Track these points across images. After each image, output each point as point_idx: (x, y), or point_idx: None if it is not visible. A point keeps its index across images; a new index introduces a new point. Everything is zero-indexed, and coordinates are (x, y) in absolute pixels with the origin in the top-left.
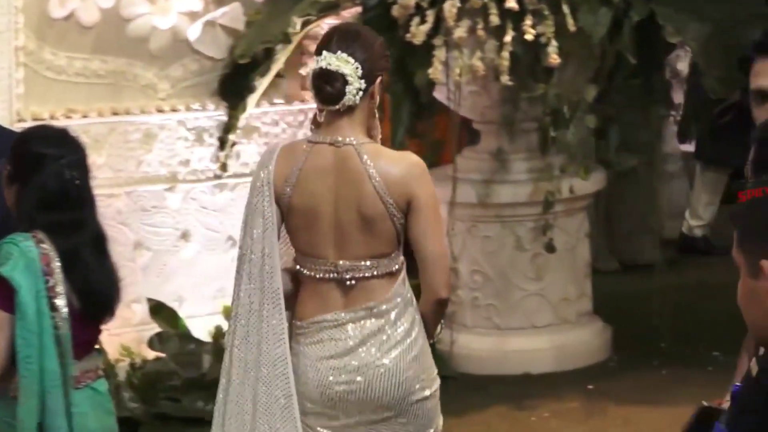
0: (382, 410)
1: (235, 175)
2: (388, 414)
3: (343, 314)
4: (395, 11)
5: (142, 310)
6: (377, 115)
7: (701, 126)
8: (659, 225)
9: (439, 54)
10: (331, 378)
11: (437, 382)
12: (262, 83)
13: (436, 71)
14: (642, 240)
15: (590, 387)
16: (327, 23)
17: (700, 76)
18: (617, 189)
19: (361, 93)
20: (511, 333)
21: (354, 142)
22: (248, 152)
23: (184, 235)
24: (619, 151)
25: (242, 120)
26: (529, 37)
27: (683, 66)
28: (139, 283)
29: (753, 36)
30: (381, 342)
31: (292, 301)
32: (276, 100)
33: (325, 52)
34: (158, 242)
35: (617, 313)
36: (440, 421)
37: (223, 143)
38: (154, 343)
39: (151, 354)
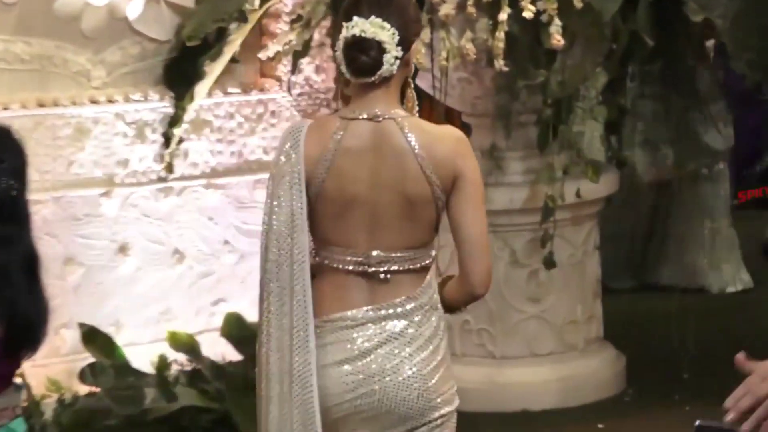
0: (396, 425)
1: (183, 178)
2: (402, 430)
3: (364, 312)
4: None
5: (72, 336)
6: (412, 85)
7: None
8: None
9: (423, 35)
10: (344, 385)
11: (457, 400)
12: (214, 69)
13: (419, 55)
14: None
15: (601, 426)
16: None
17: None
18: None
19: (397, 62)
20: (507, 362)
21: (396, 116)
22: (198, 150)
23: (123, 249)
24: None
25: (191, 112)
26: (528, 14)
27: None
28: (69, 304)
29: None
30: (403, 345)
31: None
32: (230, 89)
33: (356, 18)
34: (92, 257)
35: (632, 339)
36: None
37: (168, 140)
38: (86, 375)
39: (84, 388)
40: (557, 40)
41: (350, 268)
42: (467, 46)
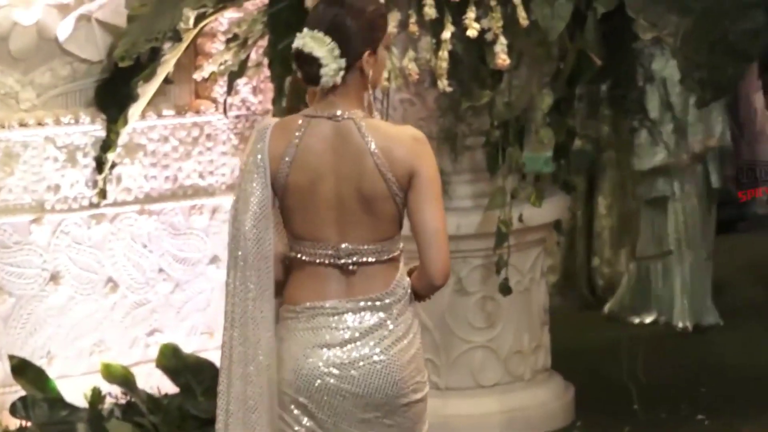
0: (371, 410)
1: (116, 204)
2: (376, 414)
3: (343, 303)
4: (310, 2)
5: (2, 369)
6: (371, 91)
7: None
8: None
9: (388, 41)
10: (322, 368)
11: (428, 386)
12: (148, 91)
13: (406, 60)
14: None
15: None
16: (227, 17)
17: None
18: None
19: (342, 72)
20: (452, 394)
21: (355, 117)
22: (131, 175)
23: (54, 277)
24: None
25: (124, 136)
26: (472, 33)
27: (659, 66)
28: None
29: (742, 30)
30: (382, 337)
31: (281, 287)
32: (165, 112)
33: (305, 30)
34: (22, 286)
35: (580, 369)
36: (425, 427)
37: (100, 164)
38: (17, 409)
39: (14, 422)
40: (503, 59)
41: (323, 261)
42: (409, 66)
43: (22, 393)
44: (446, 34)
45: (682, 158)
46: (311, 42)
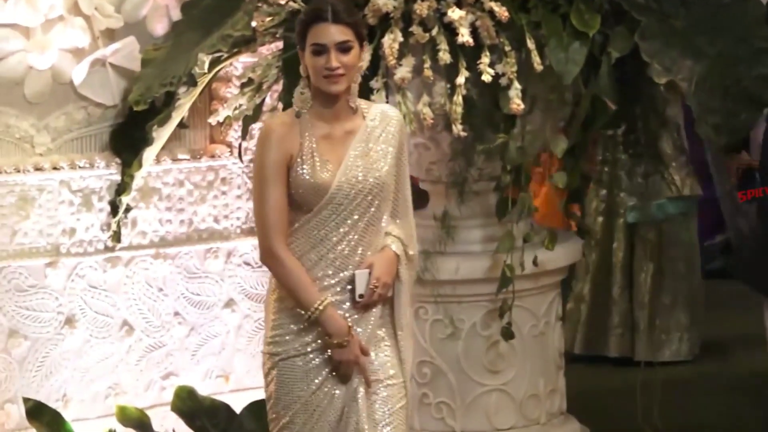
0: None
1: (131, 247)
2: None
3: None
4: None
5: (17, 411)
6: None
7: None
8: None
9: (379, 99)
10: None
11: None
12: (162, 135)
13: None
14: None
15: None
16: (241, 62)
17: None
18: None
19: None
20: None
21: None
22: (146, 219)
23: (69, 321)
24: None
25: (138, 179)
26: (486, 78)
27: (673, 111)
28: (14, 378)
29: (755, 75)
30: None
31: None
32: (180, 156)
33: None
34: (37, 329)
35: (596, 413)
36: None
37: (115, 208)
38: None
39: None
40: (517, 104)
41: None
42: (424, 111)
43: None
44: (461, 79)
45: None
46: None
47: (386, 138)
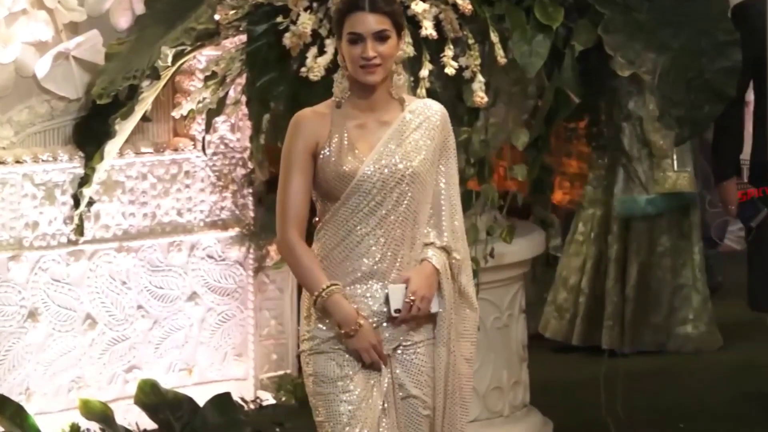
0: None
1: (95, 241)
2: None
3: None
4: (287, 40)
5: None
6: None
7: None
8: None
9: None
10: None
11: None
12: (125, 128)
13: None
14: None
15: None
16: (205, 55)
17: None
18: None
19: None
20: None
21: None
22: (109, 212)
23: (32, 314)
24: None
25: (101, 173)
26: (450, 71)
27: (634, 106)
28: None
29: (718, 68)
30: None
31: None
32: (143, 149)
33: None
34: (1, 323)
35: (558, 405)
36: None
37: (78, 201)
38: None
39: None
40: (480, 97)
41: None
42: None
43: (1, 430)
44: (424, 72)
45: None
46: None
47: (425, 130)
